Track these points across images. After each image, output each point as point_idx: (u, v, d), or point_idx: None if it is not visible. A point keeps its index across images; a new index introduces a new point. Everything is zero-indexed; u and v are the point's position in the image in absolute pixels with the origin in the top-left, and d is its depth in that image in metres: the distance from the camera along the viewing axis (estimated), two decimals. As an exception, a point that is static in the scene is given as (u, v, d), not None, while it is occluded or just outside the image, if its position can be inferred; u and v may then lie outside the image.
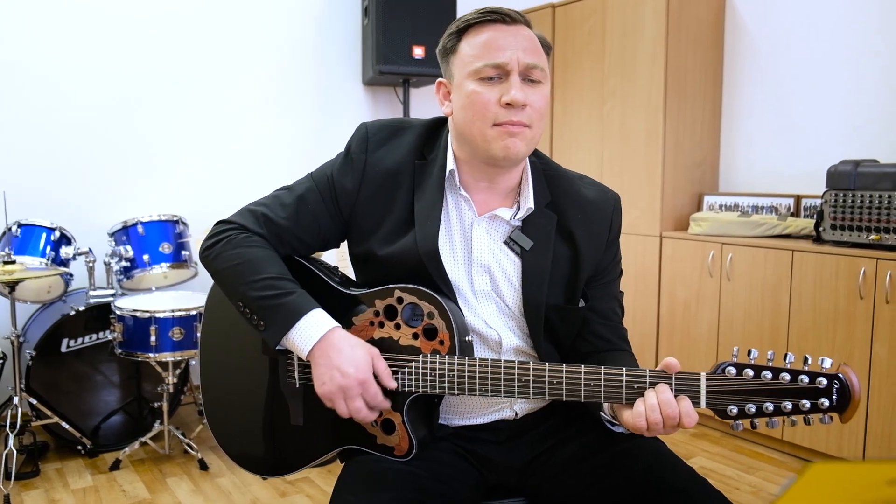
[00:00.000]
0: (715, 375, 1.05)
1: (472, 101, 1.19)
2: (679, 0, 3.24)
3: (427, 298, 1.21)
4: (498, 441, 1.32)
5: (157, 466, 2.76)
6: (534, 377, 1.14)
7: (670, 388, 1.07)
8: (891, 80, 2.92)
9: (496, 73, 1.19)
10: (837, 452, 2.69)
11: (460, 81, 1.23)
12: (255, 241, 1.27)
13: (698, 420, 1.05)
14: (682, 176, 3.39)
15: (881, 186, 2.59)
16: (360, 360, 1.16)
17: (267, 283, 1.21)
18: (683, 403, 1.06)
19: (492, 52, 1.18)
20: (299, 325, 1.18)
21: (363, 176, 1.29)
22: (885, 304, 2.51)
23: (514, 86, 1.17)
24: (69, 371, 2.84)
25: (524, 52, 1.19)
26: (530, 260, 1.27)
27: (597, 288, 1.34)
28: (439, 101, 1.31)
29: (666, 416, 1.05)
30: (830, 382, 1.00)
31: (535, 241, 1.27)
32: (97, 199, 3.29)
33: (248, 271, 1.22)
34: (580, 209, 1.31)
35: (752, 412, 1.02)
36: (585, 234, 1.30)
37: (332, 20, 3.81)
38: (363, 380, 1.16)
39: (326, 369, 1.16)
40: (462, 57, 1.23)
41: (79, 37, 3.20)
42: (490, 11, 1.21)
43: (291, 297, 1.20)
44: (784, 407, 1.01)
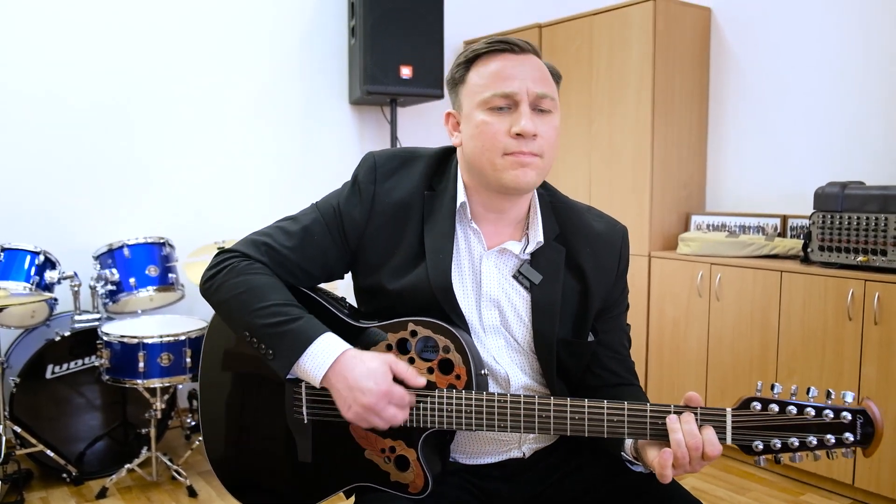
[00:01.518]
0: (740, 411, 1.05)
1: (482, 131, 1.19)
2: (665, 22, 3.29)
3: (442, 332, 1.19)
4: (505, 477, 1.30)
5: (144, 494, 2.70)
6: (555, 413, 1.13)
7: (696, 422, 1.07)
8: (875, 103, 2.99)
9: (505, 102, 1.18)
10: (827, 473, 2.72)
11: (469, 111, 1.22)
12: (257, 268, 1.24)
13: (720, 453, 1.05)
14: (670, 195, 3.43)
15: (868, 209, 2.64)
16: (377, 372, 1.13)
17: (273, 311, 1.18)
18: (707, 433, 1.05)
19: (501, 81, 1.18)
20: (309, 351, 1.15)
21: (372, 207, 1.27)
22: (874, 326, 2.55)
23: (524, 116, 1.17)
24: (53, 397, 2.77)
25: (533, 82, 1.19)
26: (540, 294, 1.26)
27: (606, 322, 1.33)
28: (448, 132, 1.30)
29: (690, 447, 1.04)
30: (855, 417, 1.01)
31: (545, 275, 1.26)
32: (82, 221, 3.23)
33: (253, 299, 1.19)
34: (589, 242, 1.30)
35: (778, 448, 1.03)
36: (595, 267, 1.29)
37: (318, 40, 3.80)
38: (386, 391, 1.13)
39: (347, 392, 1.13)
40: (471, 87, 1.22)
41: (63, 57, 3.16)
42: (499, 41, 1.21)
43: (298, 322, 1.17)
44: (809, 442, 1.02)
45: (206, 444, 1.38)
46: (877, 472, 2.57)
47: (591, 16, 3.52)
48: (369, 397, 1.12)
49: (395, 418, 1.14)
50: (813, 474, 2.79)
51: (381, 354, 1.17)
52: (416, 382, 1.16)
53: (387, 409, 1.13)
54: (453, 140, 1.28)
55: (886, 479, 2.55)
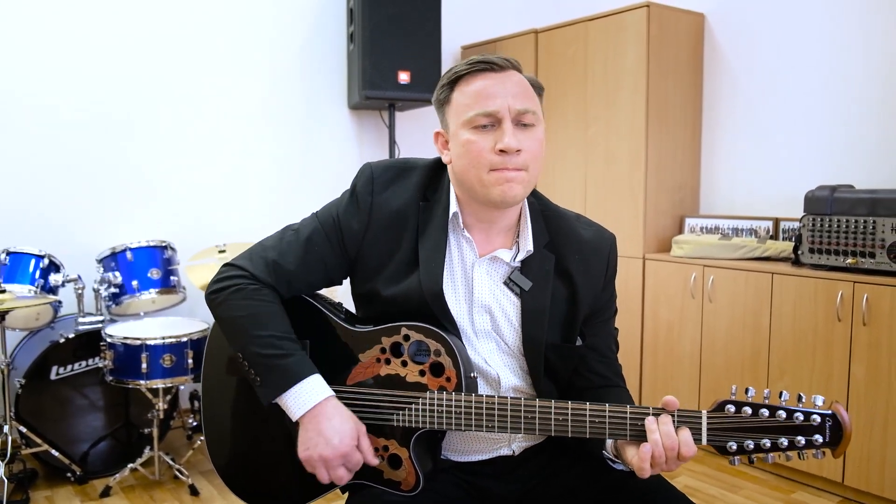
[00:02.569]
0: (715, 413, 1.10)
1: (468, 149, 1.24)
2: (659, 27, 3.34)
3: (434, 336, 1.25)
4: (496, 474, 1.35)
5: (147, 493, 2.75)
6: (540, 414, 1.18)
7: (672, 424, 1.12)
8: (866, 108, 3.03)
9: (488, 120, 1.23)
10: (818, 472, 2.77)
11: (455, 130, 1.27)
12: (264, 294, 1.29)
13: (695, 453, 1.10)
14: (664, 199, 3.47)
15: (857, 212, 2.69)
16: (346, 433, 1.22)
17: (269, 342, 1.24)
18: (683, 434, 1.11)
19: (482, 100, 1.23)
20: (294, 389, 1.22)
21: (369, 217, 1.32)
22: (863, 327, 2.60)
23: (507, 133, 1.21)
24: (57, 397, 2.82)
25: (514, 98, 1.23)
26: (529, 300, 1.31)
27: (594, 326, 1.39)
28: (438, 150, 1.35)
29: (666, 447, 1.10)
30: (824, 420, 1.06)
31: (534, 282, 1.32)
32: (85, 225, 3.29)
33: (252, 326, 1.25)
34: (578, 250, 1.36)
35: (751, 448, 1.08)
36: (583, 274, 1.35)
37: (318, 46, 3.85)
38: (345, 453, 1.22)
39: (313, 435, 1.21)
40: (455, 107, 1.27)
41: (66, 63, 3.21)
42: (479, 61, 1.26)
43: (291, 359, 1.23)
44: (780, 443, 1.07)
45: (208, 441, 1.43)
46: (866, 470, 2.62)
47: (587, 21, 3.57)
48: (329, 451, 1.21)
49: (340, 479, 1.24)
50: (804, 473, 2.84)
51: (356, 422, 1.25)
52: (371, 462, 1.26)
53: (338, 468, 1.23)
54: (444, 158, 1.34)
55: (875, 477, 2.60)
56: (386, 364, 1.28)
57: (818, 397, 1.08)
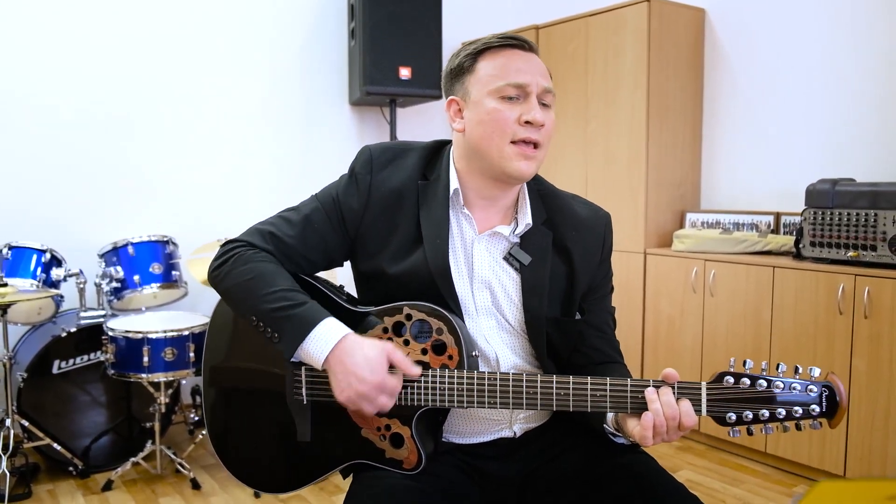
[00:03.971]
0: (714, 384, 1.11)
1: (493, 117, 1.27)
2: (659, 22, 3.35)
3: (436, 315, 1.25)
4: (497, 456, 1.35)
5: (149, 487, 2.75)
6: (542, 388, 1.19)
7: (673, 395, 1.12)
8: (866, 102, 3.03)
9: (517, 92, 1.27)
10: (819, 465, 2.76)
11: (479, 98, 1.29)
12: (263, 256, 1.30)
13: (696, 423, 1.11)
14: (665, 194, 3.48)
15: (858, 205, 2.69)
16: (373, 360, 1.19)
17: (279, 296, 1.24)
18: (683, 404, 1.11)
19: (514, 73, 1.27)
20: (313, 334, 1.21)
21: (368, 196, 1.33)
22: (864, 320, 2.59)
23: (535, 107, 1.26)
24: (59, 392, 2.83)
25: (542, 77, 1.29)
26: (529, 275, 1.33)
27: (591, 303, 1.40)
28: (450, 117, 1.36)
29: (667, 417, 1.10)
30: (820, 390, 1.07)
31: (534, 257, 1.33)
32: (87, 220, 3.30)
33: (260, 285, 1.25)
34: (574, 227, 1.37)
35: (749, 419, 1.08)
36: (580, 251, 1.36)
37: (319, 42, 3.87)
38: (380, 382, 1.18)
39: (343, 376, 1.19)
40: (481, 76, 1.30)
41: (66, 58, 3.23)
42: (511, 37, 1.30)
43: (303, 307, 1.23)
44: (778, 413, 1.07)
45: (209, 426, 1.43)
46: (868, 463, 2.61)
47: (587, 17, 3.58)
48: (364, 386, 1.18)
49: (384, 406, 1.21)
50: (805, 466, 2.83)
51: (380, 342, 1.22)
52: (412, 372, 1.22)
53: (378, 397, 1.19)
54: (455, 125, 1.34)
55: (877, 470, 2.59)
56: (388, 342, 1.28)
57: (815, 368, 1.08)
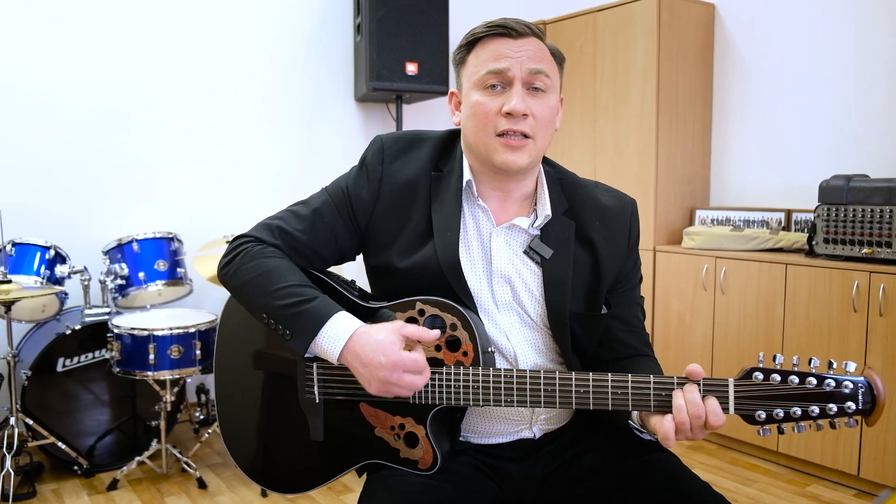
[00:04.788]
0: (742, 381, 1.06)
1: (475, 111, 1.22)
2: (669, 17, 3.31)
3: (449, 310, 1.21)
4: (516, 457, 1.31)
5: (154, 486, 2.72)
6: (560, 386, 1.14)
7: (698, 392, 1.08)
8: (878, 97, 3.00)
9: (498, 80, 1.21)
10: (833, 464, 2.72)
11: (467, 91, 1.26)
12: (271, 251, 1.27)
13: (723, 422, 1.07)
14: (674, 190, 3.44)
15: (873, 201, 2.65)
16: (385, 343, 1.14)
17: (288, 292, 1.20)
18: (709, 402, 1.06)
19: (494, 61, 1.22)
20: (324, 329, 1.17)
21: (380, 187, 1.29)
22: (879, 317, 2.56)
23: (515, 95, 1.20)
24: (63, 390, 2.80)
25: (528, 60, 1.21)
26: (551, 268, 1.27)
27: (619, 295, 1.35)
28: (451, 110, 1.33)
29: (692, 416, 1.05)
30: (856, 386, 1.02)
31: (555, 250, 1.28)
32: (91, 216, 3.27)
33: (269, 282, 1.22)
34: (598, 216, 1.32)
35: (780, 417, 1.04)
36: (605, 241, 1.31)
37: (323, 37, 3.83)
38: (395, 361, 1.13)
39: (364, 370, 1.15)
40: (469, 68, 1.27)
41: (70, 53, 3.19)
42: (497, 25, 1.24)
43: (314, 302, 1.19)
44: (811, 411, 1.03)
45: (222, 426, 1.40)
46: (881, 462, 2.58)
47: (596, 12, 3.55)
48: (382, 371, 1.13)
49: (414, 384, 1.14)
50: (818, 465, 2.79)
51: (389, 324, 1.18)
52: (429, 337, 1.16)
53: (402, 378, 1.14)
54: (454, 119, 1.32)
55: (891, 469, 2.55)
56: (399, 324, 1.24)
57: (850, 363, 1.04)
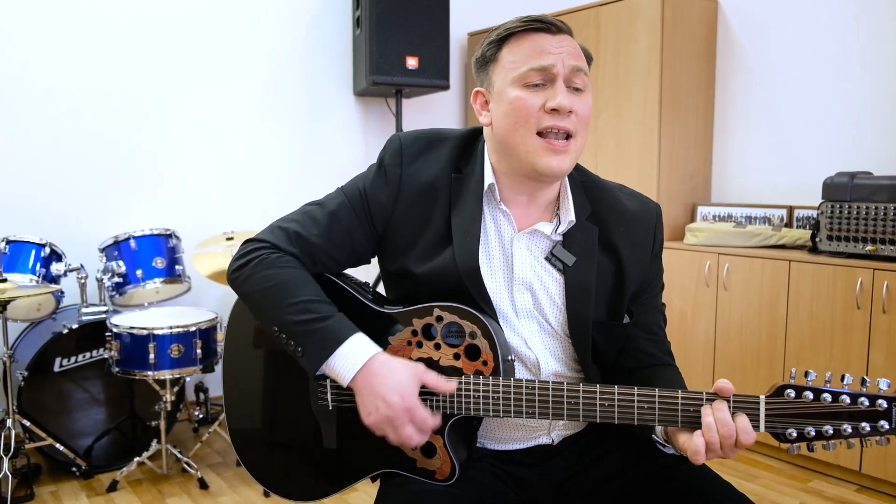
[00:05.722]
0: (774, 398, 1.05)
1: (516, 107, 1.17)
2: (673, 13, 3.28)
3: (469, 317, 1.18)
4: (534, 463, 1.29)
5: (155, 487, 2.69)
6: (584, 399, 1.12)
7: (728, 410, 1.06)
8: (880, 94, 2.99)
9: (541, 77, 1.17)
10: (835, 460, 2.73)
11: (502, 88, 1.20)
12: (287, 261, 1.22)
13: (754, 440, 1.05)
14: (676, 187, 3.43)
15: (877, 198, 2.65)
16: (404, 385, 1.12)
17: (303, 307, 1.16)
18: (740, 420, 1.04)
19: (536, 56, 1.17)
20: (339, 352, 1.14)
21: (399, 190, 1.25)
22: (882, 314, 2.56)
23: (560, 91, 1.16)
24: (60, 391, 2.75)
25: (570, 57, 1.18)
26: (573, 276, 1.24)
27: (642, 303, 1.32)
28: (476, 111, 1.28)
29: (722, 435, 1.03)
30: (890, 405, 1.01)
31: (578, 257, 1.25)
32: (87, 213, 3.21)
33: (283, 294, 1.18)
34: (623, 222, 1.28)
35: (812, 436, 1.02)
36: (629, 247, 1.27)
37: (323, 31, 3.78)
38: (408, 407, 1.12)
39: (371, 398, 1.13)
40: (503, 65, 1.20)
41: (69, 50, 3.13)
42: (535, 20, 1.19)
43: (330, 321, 1.16)
44: (844, 430, 1.01)
45: (232, 432, 1.37)
46: (883, 458, 2.59)
47: (598, 7, 3.51)
48: (391, 411, 1.12)
49: (409, 439, 1.14)
50: (820, 461, 2.80)
51: (412, 365, 1.16)
52: (446, 389, 1.15)
53: (405, 426, 1.13)
54: (482, 119, 1.27)
55: (893, 465, 2.56)
56: (417, 347, 1.20)
57: (883, 381, 1.02)
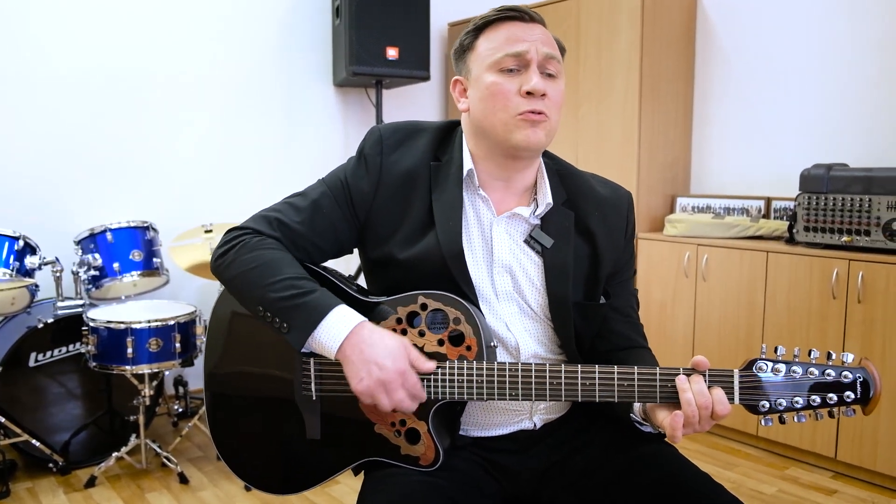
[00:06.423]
0: (747, 371, 1.07)
1: (493, 91, 1.22)
2: (653, 5, 3.30)
3: (453, 304, 1.19)
4: (516, 450, 1.30)
5: (134, 482, 2.67)
6: (566, 379, 1.14)
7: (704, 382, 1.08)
8: (858, 87, 3.03)
9: (516, 63, 1.22)
10: (811, 447, 2.77)
11: (479, 74, 1.25)
12: (269, 243, 1.24)
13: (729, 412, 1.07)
14: (656, 178, 3.45)
15: (852, 190, 2.68)
16: (395, 350, 1.14)
17: (287, 284, 1.18)
18: (716, 392, 1.07)
19: (511, 43, 1.23)
20: (325, 322, 1.15)
21: (379, 179, 1.28)
22: (857, 304, 2.59)
23: (534, 75, 1.21)
24: (35, 386, 2.72)
25: (542, 44, 1.24)
26: (551, 258, 1.28)
27: (616, 286, 1.35)
28: (455, 98, 1.32)
29: (700, 406, 1.06)
30: (855, 376, 1.04)
31: (556, 239, 1.28)
32: (62, 205, 3.18)
33: (266, 273, 1.19)
34: (597, 207, 1.33)
35: (783, 407, 1.05)
36: (604, 231, 1.32)
37: (300, 21, 3.76)
38: (402, 370, 1.13)
39: (362, 364, 1.13)
40: (480, 52, 1.26)
41: (42, 39, 3.09)
42: (509, 9, 1.25)
43: (313, 295, 1.17)
44: (813, 401, 1.05)
45: (212, 425, 1.36)
46: (858, 445, 2.62)
47: (578, -1, 3.53)
48: (385, 373, 1.12)
49: (402, 402, 1.14)
50: (797, 449, 2.84)
51: (399, 336, 1.17)
52: (426, 367, 1.16)
53: (398, 390, 1.13)
54: (460, 106, 1.31)
55: (868, 451, 2.60)
56: (402, 335, 1.21)
57: (848, 354, 1.05)
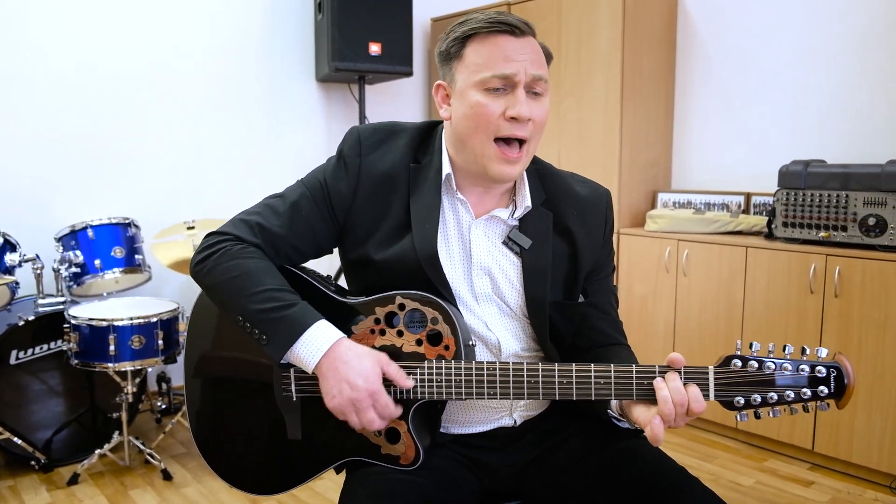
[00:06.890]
0: (722, 368, 1.09)
1: (476, 112, 1.20)
2: (634, 3, 3.32)
3: (430, 304, 1.20)
4: (496, 447, 1.32)
5: (118, 479, 2.66)
6: (543, 378, 1.15)
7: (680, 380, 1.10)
8: (837, 84, 3.07)
9: (502, 84, 1.19)
10: (788, 440, 2.81)
11: (464, 88, 1.22)
12: (250, 251, 1.24)
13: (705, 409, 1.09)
14: (637, 174, 3.48)
15: (830, 186, 2.72)
16: (368, 370, 1.15)
17: (267, 296, 1.18)
18: (691, 389, 1.08)
19: (500, 63, 1.19)
20: (304, 338, 1.16)
21: (358, 180, 1.28)
22: (834, 299, 2.64)
23: (521, 101, 1.19)
24: (16, 383, 2.69)
25: (531, 65, 1.20)
26: (530, 258, 1.29)
27: (594, 283, 1.37)
28: (437, 103, 1.31)
29: (676, 403, 1.07)
30: (828, 371, 1.06)
31: (534, 240, 1.29)
32: (42, 202, 3.15)
33: (247, 284, 1.19)
34: (576, 206, 1.33)
35: (758, 402, 1.07)
36: (582, 230, 1.32)
37: (282, 16, 3.75)
38: (373, 391, 1.15)
39: (335, 382, 1.15)
40: (467, 64, 1.22)
41: (22, 34, 3.06)
42: (501, 21, 1.21)
43: (294, 309, 1.18)
44: (787, 396, 1.06)
45: (193, 426, 1.36)
46: (835, 437, 2.67)
47: (559, -5, 3.54)
48: (356, 393, 1.14)
49: (371, 423, 1.16)
50: (775, 441, 2.88)
51: (375, 353, 1.18)
52: (405, 384, 1.18)
53: (368, 410, 1.15)
54: (442, 113, 1.29)
55: (844, 444, 2.65)
56: (381, 335, 1.22)
57: (822, 349, 1.07)
